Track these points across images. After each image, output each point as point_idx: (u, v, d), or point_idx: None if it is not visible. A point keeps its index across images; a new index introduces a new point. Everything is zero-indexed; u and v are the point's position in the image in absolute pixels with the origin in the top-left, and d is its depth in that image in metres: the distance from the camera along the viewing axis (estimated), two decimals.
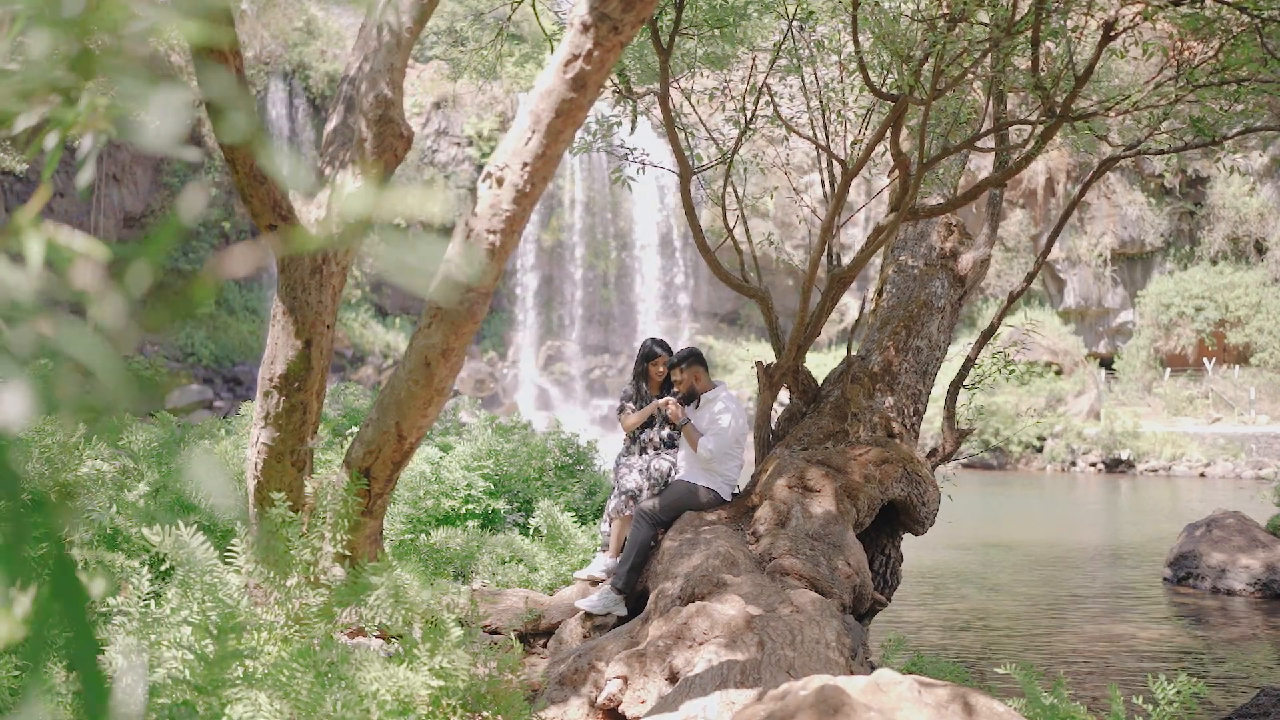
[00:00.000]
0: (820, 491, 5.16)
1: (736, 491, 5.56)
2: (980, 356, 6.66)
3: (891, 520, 5.75)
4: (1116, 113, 5.43)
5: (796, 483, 5.23)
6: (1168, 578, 10.34)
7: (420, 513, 6.31)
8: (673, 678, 3.71)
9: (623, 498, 5.45)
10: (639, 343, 6.20)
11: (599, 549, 5.69)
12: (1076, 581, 10.59)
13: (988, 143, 6.60)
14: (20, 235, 0.76)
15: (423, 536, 6.01)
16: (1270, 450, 24.98)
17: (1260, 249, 32.03)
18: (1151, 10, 4.95)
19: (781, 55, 6.48)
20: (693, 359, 5.58)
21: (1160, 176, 32.31)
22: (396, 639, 3.42)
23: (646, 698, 3.71)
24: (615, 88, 6.46)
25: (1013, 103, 6.79)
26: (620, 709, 3.76)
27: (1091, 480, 24.44)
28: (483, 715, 3.32)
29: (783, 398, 6.39)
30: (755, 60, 6.71)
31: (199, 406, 27.27)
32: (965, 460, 25.52)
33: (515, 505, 6.94)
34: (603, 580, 5.25)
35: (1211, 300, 31.74)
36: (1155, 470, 25.47)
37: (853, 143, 6.47)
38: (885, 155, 6.39)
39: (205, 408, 27.32)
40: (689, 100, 6.92)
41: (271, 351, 4.04)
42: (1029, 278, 6.57)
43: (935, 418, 7.69)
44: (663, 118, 5.87)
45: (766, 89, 6.46)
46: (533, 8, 6.88)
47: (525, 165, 3.28)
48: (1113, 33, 4.95)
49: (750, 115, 6.45)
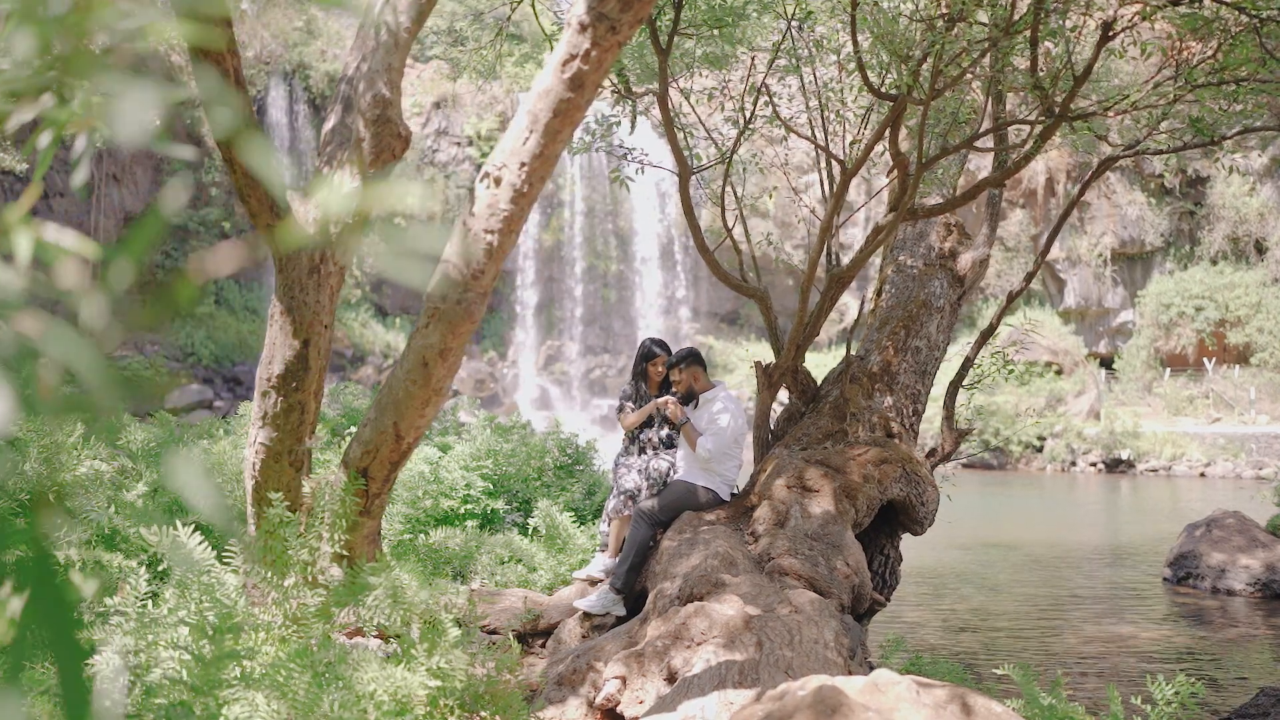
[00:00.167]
0: (819, 491, 5.15)
1: (735, 491, 5.55)
2: (979, 356, 6.65)
3: (890, 520, 5.75)
4: (1115, 113, 5.42)
5: (795, 483, 5.23)
6: (1167, 578, 10.33)
7: (419, 513, 6.30)
8: (671, 678, 3.71)
9: (621, 498, 5.45)
10: (638, 343, 6.20)
11: (598, 549, 5.69)
12: (1076, 581, 10.58)
13: (987, 142, 6.60)
14: (9, 233, 0.76)
15: (421, 536, 6.00)
16: (1270, 450, 24.97)
17: (1260, 249, 32.02)
18: (1150, 10, 4.95)
19: (780, 55, 6.47)
20: (691, 359, 5.58)
21: (1160, 176, 32.29)
22: (395, 639, 3.41)
23: (645, 698, 3.70)
24: (614, 87, 6.46)
25: (1012, 103, 6.79)
26: (618, 709, 3.76)
27: (1091, 480, 24.43)
28: (481, 715, 3.32)
29: (782, 397, 6.39)
30: (754, 60, 6.70)
31: (199, 406, 27.29)
32: (965, 460, 25.50)
33: (514, 505, 6.93)
34: (601, 580, 5.24)
35: (1212, 300, 31.73)
36: (1155, 470, 25.46)
37: (851, 142, 6.47)
38: (884, 155, 6.39)
39: (205, 408, 27.33)
40: (688, 100, 6.91)
41: (269, 351, 4.03)
42: (1028, 277, 6.57)
43: (935, 418, 7.68)
44: (661, 118, 5.87)
45: (765, 89, 6.45)
46: (532, 7, 6.88)
47: (523, 165, 3.27)
48: (1111, 32, 4.95)
49: (749, 115, 6.44)
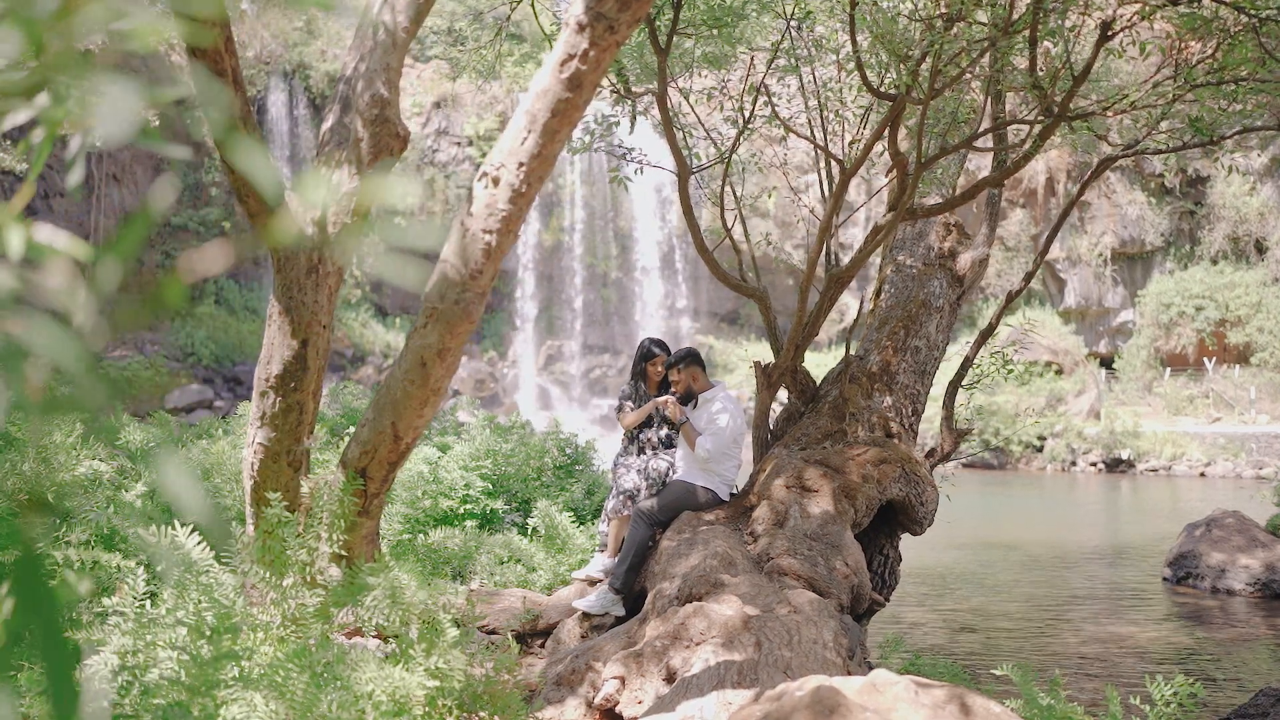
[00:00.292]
0: (818, 491, 5.15)
1: (734, 491, 5.55)
2: (979, 356, 6.65)
3: (890, 520, 5.75)
4: (1115, 112, 5.42)
5: (794, 483, 5.22)
6: (1167, 578, 10.33)
7: (418, 513, 6.30)
8: (670, 678, 3.71)
9: (621, 498, 5.44)
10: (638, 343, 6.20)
11: (597, 549, 5.68)
12: (1076, 581, 10.58)
13: (986, 142, 6.59)
14: (1, 232, 0.75)
15: (421, 537, 6.00)
16: (1270, 450, 24.96)
17: (1260, 248, 32.01)
18: (1149, 10, 4.95)
19: (779, 55, 6.47)
20: (690, 359, 5.57)
21: (1160, 176, 32.28)
22: (393, 639, 3.41)
23: (643, 698, 3.70)
24: (613, 87, 6.45)
25: (1011, 102, 6.78)
26: (617, 709, 3.76)
27: (1091, 480, 24.42)
28: (479, 715, 3.32)
29: (781, 397, 6.38)
30: (753, 60, 6.70)
31: (199, 406, 27.31)
32: (965, 460, 25.49)
33: (513, 505, 6.93)
34: (600, 580, 5.24)
35: (1212, 300, 31.72)
36: (1155, 470, 25.45)
37: (851, 142, 6.46)
38: (884, 155, 6.38)
39: (205, 407, 27.35)
40: (687, 100, 6.91)
41: (268, 351, 4.03)
42: (1027, 277, 6.57)
43: (934, 417, 7.68)
44: (661, 117, 5.87)
45: (764, 89, 6.45)
46: (532, 7, 6.87)
47: (521, 165, 3.27)
48: (1110, 32, 4.95)
49: (748, 115, 6.44)
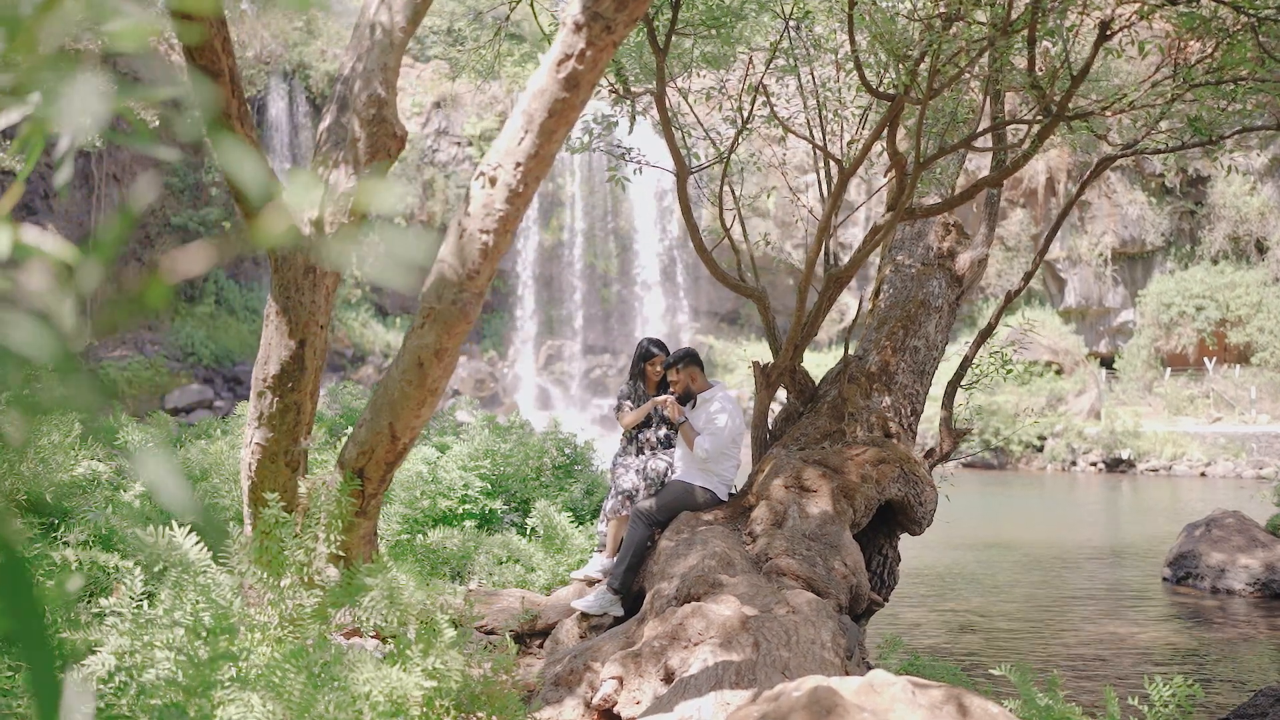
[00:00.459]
0: (817, 492, 5.15)
1: (733, 491, 5.55)
2: (978, 356, 6.65)
3: (889, 520, 5.74)
4: (1114, 112, 5.42)
5: (793, 483, 5.22)
6: (1167, 577, 10.32)
7: (417, 513, 6.30)
8: (668, 678, 3.70)
9: (619, 498, 5.44)
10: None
11: (596, 549, 5.68)
12: (1076, 581, 10.57)
13: (985, 142, 6.59)
14: None
15: (419, 537, 6.00)
16: (1271, 450, 24.95)
17: (1261, 248, 32.00)
18: (1148, 9, 4.94)
19: (778, 55, 6.46)
20: (689, 359, 5.57)
21: (1161, 176, 32.27)
22: (391, 640, 3.41)
23: (641, 698, 3.70)
24: (612, 87, 6.45)
25: (1010, 102, 6.78)
26: (615, 709, 3.76)
27: (1092, 480, 24.41)
28: (477, 716, 3.31)
29: (780, 397, 6.38)
30: (752, 60, 6.69)
31: (199, 406, 27.33)
32: (965, 460, 25.50)
33: (512, 505, 6.93)
34: (599, 581, 5.24)
35: (1212, 300, 31.71)
36: (1156, 470, 25.44)
37: (850, 142, 6.46)
38: (882, 154, 6.38)
39: (205, 407, 27.37)
40: (686, 100, 6.90)
41: (265, 352, 4.03)
42: (1027, 277, 6.57)
43: (933, 417, 7.68)
44: (659, 117, 5.86)
45: (763, 89, 6.44)
46: (531, 7, 6.86)
47: (518, 165, 3.27)
48: (1109, 31, 4.94)
49: (747, 115, 6.43)
